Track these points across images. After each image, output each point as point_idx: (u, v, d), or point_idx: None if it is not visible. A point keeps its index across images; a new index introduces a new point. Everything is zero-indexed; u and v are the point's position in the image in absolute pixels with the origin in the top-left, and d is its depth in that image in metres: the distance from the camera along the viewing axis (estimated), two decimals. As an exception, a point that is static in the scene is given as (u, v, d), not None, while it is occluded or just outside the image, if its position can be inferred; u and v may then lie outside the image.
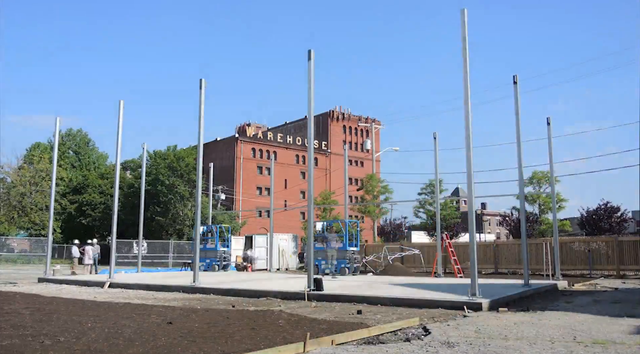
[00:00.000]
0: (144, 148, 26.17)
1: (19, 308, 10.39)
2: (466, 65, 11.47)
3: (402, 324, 7.81)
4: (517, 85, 15.68)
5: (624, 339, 6.70)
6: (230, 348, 6.11)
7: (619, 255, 23.44)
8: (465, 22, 11.56)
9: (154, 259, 37.20)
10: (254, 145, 74.93)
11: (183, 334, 7.08)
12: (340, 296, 11.96)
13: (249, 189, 69.12)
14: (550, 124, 18.77)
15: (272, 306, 10.93)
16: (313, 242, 14.31)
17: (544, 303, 11.52)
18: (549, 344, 6.32)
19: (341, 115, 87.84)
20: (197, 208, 15.68)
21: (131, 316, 9.07)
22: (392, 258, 28.74)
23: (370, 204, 46.29)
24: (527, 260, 14.71)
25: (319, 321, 8.41)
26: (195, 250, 15.67)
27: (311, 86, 13.54)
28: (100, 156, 63.25)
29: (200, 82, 15.92)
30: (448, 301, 10.46)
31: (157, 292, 14.75)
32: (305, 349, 5.95)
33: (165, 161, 45.04)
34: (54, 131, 21.50)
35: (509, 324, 8.03)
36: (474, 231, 10.89)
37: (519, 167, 15.35)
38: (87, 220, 45.00)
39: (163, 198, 44.13)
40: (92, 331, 7.32)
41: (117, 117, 18.95)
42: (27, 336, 6.91)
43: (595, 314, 9.34)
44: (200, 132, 15.96)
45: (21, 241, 41.79)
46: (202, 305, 11.16)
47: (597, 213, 33.57)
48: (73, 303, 11.58)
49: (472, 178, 11.21)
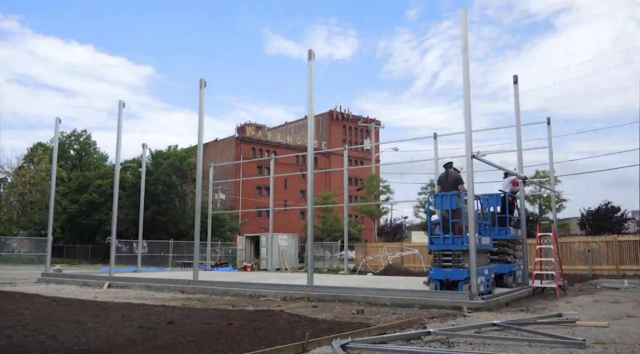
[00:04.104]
0: (144, 148, 26.20)
1: (19, 308, 10.39)
2: (466, 65, 11.47)
3: (402, 324, 7.82)
4: (517, 85, 15.70)
5: (624, 339, 6.71)
6: (230, 348, 6.11)
7: (619, 254, 23.45)
8: (466, 22, 11.56)
9: (154, 259, 37.21)
10: (254, 145, 74.95)
11: (183, 334, 7.08)
12: (340, 296, 11.98)
13: (249, 189, 69.12)
14: (550, 124, 18.76)
15: (272, 306, 10.94)
16: (313, 242, 14.30)
17: (544, 303, 11.53)
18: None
19: (341, 115, 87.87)
20: (197, 208, 15.67)
21: (131, 316, 9.07)
22: (392, 258, 28.74)
23: (370, 204, 46.32)
24: (526, 260, 14.70)
25: (319, 321, 8.42)
26: (195, 249, 15.68)
27: (311, 86, 13.54)
28: (100, 156, 63.27)
29: (201, 82, 15.92)
30: (448, 301, 10.46)
31: (157, 292, 14.76)
32: (305, 349, 5.96)
33: (166, 161, 45.04)
34: (54, 131, 21.48)
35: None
36: (474, 231, 10.88)
37: (519, 167, 15.34)
38: (87, 220, 45.00)
39: (163, 197, 44.12)
40: (92, 331, 7.32)
41: (117, 117, 18.98)
42: (27, 336, 6.91)
43: (595, 315, 9.34)
44: (201, 132, 15.96)
45: (21, 241, 41.78)
46: (202, 305, 11.17)
47: (597, 213, 33.63)
48: (73, 303, 11.58)
49: (472, 178, 11.21)
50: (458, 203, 11.44)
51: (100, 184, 45.61)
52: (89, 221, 45.01)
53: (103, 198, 44.23)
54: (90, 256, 44.79)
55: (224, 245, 43.86)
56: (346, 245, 24.64)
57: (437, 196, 11.94)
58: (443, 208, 11.66)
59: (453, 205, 11.46)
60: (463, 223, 11.20)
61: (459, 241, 11.19)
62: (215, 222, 39.42)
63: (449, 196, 11.57)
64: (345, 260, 25.71)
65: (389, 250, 29.73)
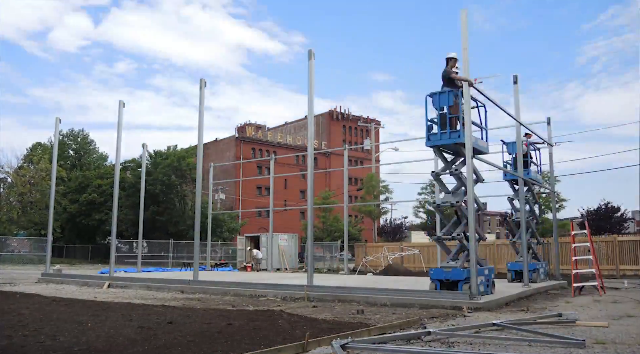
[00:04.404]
0: (144, 148, 26.20)
1: (19, 308, 10.39)
2: (466, 65, 11.47)
3: (402, 324, 7.82)
4: (517, 85, 15.70)
5: (624, 339, 6.71)
6: (230, 348, 6.10)
7: (619, 254, 23.44)
8: (466, 22, 11.56)
9: (153, 259, 37.22)
10: (254, 145, 74.97)
11: (183, 334, 7.08)
12: (340, 296, 11.98)
13: (249, 189, 69.13)
14: (550, 124, 18.77)
15: (272, 306, 10.94)
16: (313, 242, 14.30)
17: (544, 303, 11.52)
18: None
19: (341, 115, 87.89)
20: (197, 208, 15.68)
21: (131, 316, 9.07)
22: (392, 258, 28.73)
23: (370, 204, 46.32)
24: (526, 260, 14.70)
25: (319, 321, 8.41)
26: (195, 249, 15.68)
27: (311, 86, 13.54)
28: (100, 156, 63.29)
29: (201, 82, 15.92)
30: (448, 301, 10.46)
31: (157, 292, 14.76)
32: (305, 349, 5.95)
33: (165, 161, 45.05)
34: (54, 131, 21.48)
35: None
36: (474, 231, 10.88)
37: (519, 167, 15.34)
38: (87, 220, 45.00)
39: (163, 197, 44.14)
40: (92, 331, 7.32)
41: (117, 117, 18.98)
42: (27, 336, 6.91)
43: (595, 315, 9.34)
44: (201, 132, 15.96)
45: (21, 241, 41.78)
46: (201, 305, 11.17)
47: (597, 213, 33.65)
48: (73, 303, 11.58)
49: (471, 178, 11.20)
50: (455, 101, 11.80)
51: (100, 184, 45.61)
52: (89, 221, 45.02)
53: (103, 198, 44.23)
54: (90, 256, 44.81)
55: (224, 244, 43.87)
56: (346, 245, 24.64)
57: (434, 95, 12.27)
58: (440, 104, 12.02)
59: (450, 102, 11.84)
60: (460, 119, 11.64)
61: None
62: (215, 222, 39.41)
63: (446, 94, 11.94)
64: (345, 260, 25.72)
65: (389, 250, 29.71)
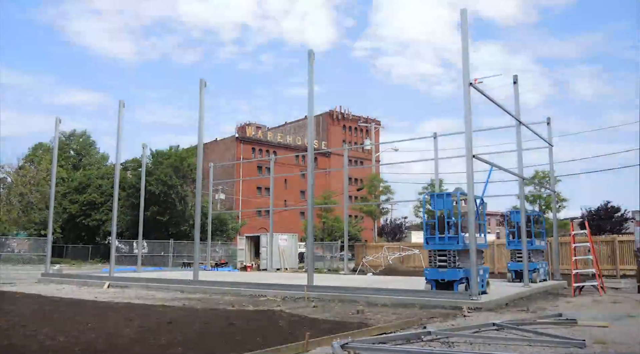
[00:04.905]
0: (144, 148, 26.22)
1: (19, 308, 10.39)
2: (467, 65, 11.46)
3: (402, 324, 7.82)
4: (517, 85, 15.71)
5: (624, 339, 6.71)
6: (230, 348, 6.10)
7: (619, 255, 23.42)
8: (466, 22, 11.56)
9: (154, 259, 37.20)
10: (254, 145, 74.94)
11: (183, 334, 7.08)
12: (340, 296, 11.98)
13: (249, 189, 69.12)
14: (550, 124, 18.78)
15: (272, 306, 10.94)
16: (313, 242, 14.29)
17: (544, 303, 11.53)
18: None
19: (341, 115, 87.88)
20: (197, 208, 15.68)
21: (131, 316, 9.07)
22: (392, 258, 28.72)
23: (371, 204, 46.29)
24: (527, 260, 14.70)
25: (319, 321, 8.41)
26: (195, 249, 15.69)
27: (311, 86, 13.55)
28: (101, 156, 63.31)
29: (201, 83, 15.92)
30: (448, 301, 10.46)
31: (157, 292, 14.76)
32: (306, 349, 5.96)
33: (167, 160, 45.05)
34: (55, 131, 21.48)
35: (509, 325, 8.01)
36: (474, 231, 10.88)
37: (519, 166, 15.35)
38: (87, 220, 44.99)
39: (163, 198, 44.12)
40: (92, 331, 7.32)
41: (117, 117, 18.99)
42: (27, 336, 6.91)
43: (595, 315, 9.34)
44: (201, 132, 15.96)
45: (21, 241, 41.78)
46: (202, 305, 11.16)
47: (598, 213, 33.61)
48: (73, 303, 11.58)
49: (472, 178, 11.20)
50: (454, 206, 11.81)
51: (101, 184, 45.61)
52: (89, 221, 44.99)
53: (103, 198, 44.24)
54: (90, 256, 44.78)
55: (224, 244, 43.85)
56: (346, 245, 24.68)
57: (432, 196, 12.58)
58: (437, 208, 11.96)
59: (448, 206, 11.77)
60: (459, 223, 11.47)
61: (454, 241, 11.47)
62: (215, 222, 39.40)
63: (443, 197, 11.95)
64: (345, 259, 25.73)
65: (389, 250, 29.70)
